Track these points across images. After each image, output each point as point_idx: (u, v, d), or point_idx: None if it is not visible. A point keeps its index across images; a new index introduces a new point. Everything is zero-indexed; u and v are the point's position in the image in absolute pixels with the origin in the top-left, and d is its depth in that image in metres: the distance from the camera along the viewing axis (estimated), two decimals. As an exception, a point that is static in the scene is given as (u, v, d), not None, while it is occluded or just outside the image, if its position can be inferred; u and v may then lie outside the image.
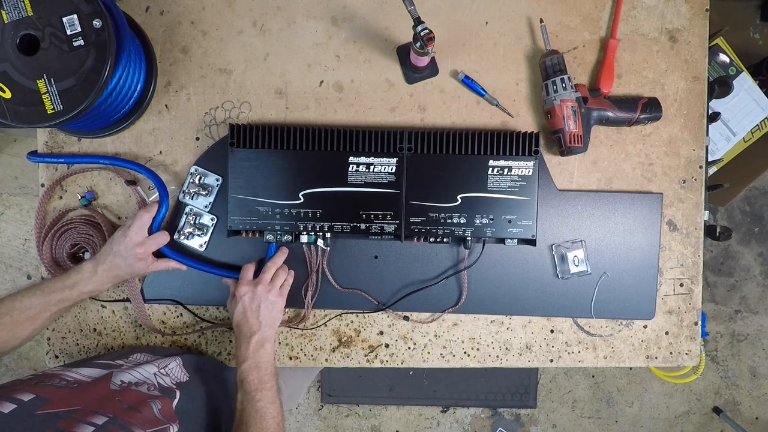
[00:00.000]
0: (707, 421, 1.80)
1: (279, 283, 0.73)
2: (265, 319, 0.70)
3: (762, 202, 1.77)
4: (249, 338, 0.68)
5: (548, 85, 0.74)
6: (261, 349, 0.68)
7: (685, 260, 0.80)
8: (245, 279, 0.72)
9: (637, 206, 0.79)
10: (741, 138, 1.20)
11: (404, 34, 0.78)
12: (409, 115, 0.79)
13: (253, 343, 0.68)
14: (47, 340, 0.80)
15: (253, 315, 0.70)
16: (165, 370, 0.65)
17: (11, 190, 1.77)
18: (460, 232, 0.73)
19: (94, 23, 0.61)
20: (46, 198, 0.78)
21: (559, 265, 0.78)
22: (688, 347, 0.81)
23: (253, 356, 0.67)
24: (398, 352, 0.80)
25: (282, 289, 0.74)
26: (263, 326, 0.70)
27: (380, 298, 0.78)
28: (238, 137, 0.73)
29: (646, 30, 0.80)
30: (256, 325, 0.69)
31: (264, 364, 0.67)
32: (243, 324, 0.69)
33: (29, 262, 1.77)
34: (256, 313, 0.70)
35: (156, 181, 0.75)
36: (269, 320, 0.71)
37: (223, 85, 0.78)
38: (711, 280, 1.77)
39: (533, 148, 0.73)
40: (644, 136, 0.79)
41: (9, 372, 1.81)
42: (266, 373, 0.66)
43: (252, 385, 0.64)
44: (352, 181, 0.73)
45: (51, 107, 0.61)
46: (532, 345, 0.80)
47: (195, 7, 0.78)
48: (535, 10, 0.79)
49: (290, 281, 0.76)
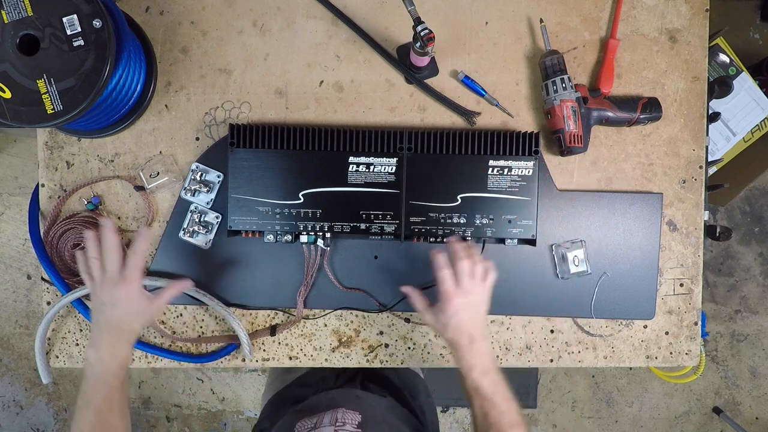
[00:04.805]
0: (707, 421, 1.80)
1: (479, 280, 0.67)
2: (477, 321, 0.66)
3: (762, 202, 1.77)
4: (470, 344, 0.64)
5: (548, 85, 0.74)
6: (485, 354, 0.65)
7: (685, 260, 0.80)
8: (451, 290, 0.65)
9: (637, 206, 0.79)
10: (741, 138, 1.20)
11: (404, 34, 0.78)
12: (409, 115, 0.79)
13: (474, 349, 0.64)
14: (47, 341, 0.80)
15: (469, 322, 0.65)
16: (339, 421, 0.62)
17: (11, 190, 1.77)
18: (460, 232, 0.73)
19: (94, 23, 0.61)
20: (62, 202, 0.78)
21: (559, 265, 0.78)
22: (688, 347, 0.81)
23: (481, 362, 0.64)
24: (398, 352, 0.80)
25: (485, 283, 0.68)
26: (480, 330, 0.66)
27: (380, 298, 0.78)
28: (238, 137, 0.73)
29: (646, 30, 0.80)
30: (475, 328, 0.65)
31: (493, 366, 0.64)
32: (460, 335, 0.65)
33: (29, 262, 1.77)
34: (474, 318, 0.66)
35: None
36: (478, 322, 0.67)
37: (223, 85, 0.78)
38: (711, 280, 1.77)
39: (533, 148, 0.73)
40: (644, 136, 0.79)
41: (9, 372, 1.81)
42: (497, 373, 0.64)
43: (489, 389, 0.62)
44: (352, 181, 0.73)
45: (51, 107, 0.61)
46: (532, 345, 0.80)
47: (195, 7, 0.78)
48: (535, 10, 0.79)
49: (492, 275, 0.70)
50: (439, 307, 0.65)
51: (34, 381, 1.82)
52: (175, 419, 1.84)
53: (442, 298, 0.65)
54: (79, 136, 0.78)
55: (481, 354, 0.64)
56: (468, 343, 0.64)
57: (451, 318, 0.64)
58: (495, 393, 0.62)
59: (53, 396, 1.84)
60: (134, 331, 0.64)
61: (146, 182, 0.76)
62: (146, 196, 0.77)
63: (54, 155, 0.79)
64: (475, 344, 0.64)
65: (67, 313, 0.80)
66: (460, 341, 0.64)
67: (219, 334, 0.80)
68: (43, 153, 0.79)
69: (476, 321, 0.66)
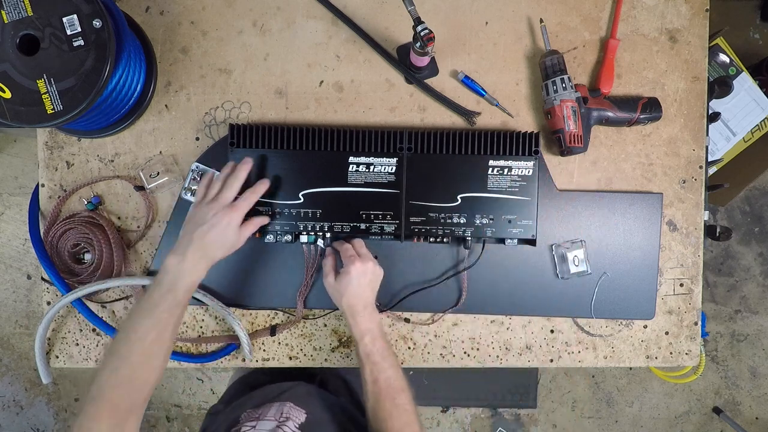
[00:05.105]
0: (707, 421, 1.80)
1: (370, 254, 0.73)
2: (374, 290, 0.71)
3: (762, 202, 1.77)
4: (363, 311, 0.68)
5: (548, 85, 0.74)
6: (376, 320, 0.69)
7: (685, 260, 0.80)
8: (354, 256, 0.70)
9: (637, 206, 0.79)
10: (741, 138, 1.20)
11: (404, 34, 0.78)
12: (409, 115, 0.79)
13: (368, 315, 0.68)
14: (47, 341, 0.80)
15: (366, 288, 0.69)
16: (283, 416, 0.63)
17: (11, 190, 1.77)
18: (460, 232, 0.73)
19: (94, 23, 0.61)
20: (62, 202, 0.78)
21: (559, 265, 0.78)
22: (688, 347, 0.81)
23: (372, 327, 0.68)
24: (398, 352, 0.80)
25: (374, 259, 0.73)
26: (373, 297, 0.71)
27: (380, 298, 0.78)
28: (238, 137, 0.73)
29: (646, 30, 0.80)
30: (370, 297, 0.70)
31: (382, 333, 0.69)
32: (356, 300, 0.69)
33: (29, 262, 1.77)
34: (369, 286, 0.70)
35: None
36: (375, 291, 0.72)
37: (223, 85, 0.78)
38: (711, 280, 1.77)
39: (533, 148, 0.73)
40: (644, 136, 0.79)
41: (9, 372, 1.81)
42: (386, 341, 0.68)
43: (379, 355, 0.66)
44: (352, 181, 0.73)
45: (51, 107, 0.61)
46: (532, 345, 0.80)
47: (195, 7, 0.78)
48: (535, 10, 0.79)
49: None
50: (342, 271, 0.70)
51: (34, 381, 1.82)
52: (175, 419, 1.84)
53: (345, 263, 0.70)
54: (79, 136, 0.78)
55: (373, 320, 0.69)
56: (362, 309, 0.68)
57: (352, 280, 0.68)
58: (384, 359, 0.66)
59: (53, 396, 1.83)
60: (215, 259, 0.65)
61: (146, 182, 0.76)
62: (146, 196, 0.77)
63: (54, 155, 0.79)
64: (367, 310, 0.69)
65: (67, 313, 0.80)
66: (356, 306, 0.68)
67: (219, 334, 0.80)
68: (43, 153, 0.79)
69: (372, 290, 0.71)
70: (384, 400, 0.63)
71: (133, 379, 0.56)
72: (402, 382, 0.65)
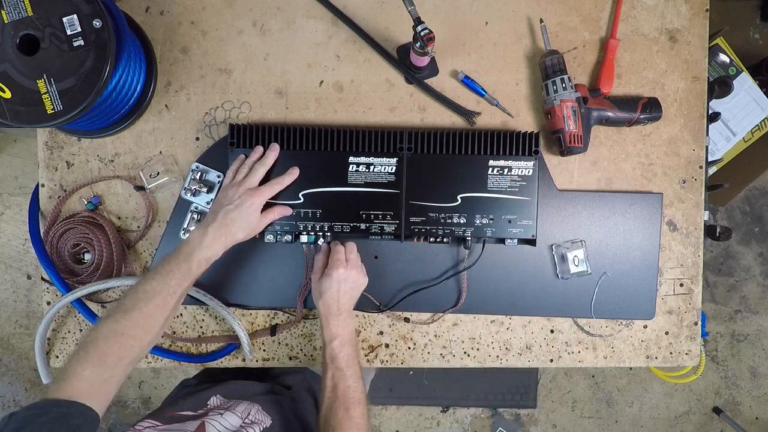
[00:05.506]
0: (707, 421, 1.80)
1: (359, 262, 0.74)
2: (353, 297, 0.72)
3: (762, 202, 1.77)
4: (338, 316, 0.69)
5: (548, 85, 0.74)
6: (349, 327, 0.70)
7: (685, 260, 0.80)
8: (340, 260, 0.71)
9: (637, 206, 0.79)
10: (741, 138, 1.20)
11: (404, 34, 0.78)
12: (409, 115, 0.79)
13: (341, 321, 0.69)
14: (47, 341, 0.80)
15: (345, 294, 0.70)
16: (249, 418, 0.63)
17: (11, 190, 1.77)
18: (460, 232, 0.73)
19: (94, 23, 0.61)
20: (62, 202, 0.78)
21: (559, 265, 0.78)
22: (688, 347, 0.81)
23: (344, 333, 0.68)
24: (398, 352, 0.80)
25: (361, 267, 0.74)
26: (350, 305, 0.72)
27: (380, 298, 0.78)
28: (238, 137, 0.73)
29: (646, 30, 0.80)
30: (347, 304, 0.71)
31: (353, 341, 0.69)
32: (333, 303, 0.70)
33: (29, 262, 1.77)
34: (349, 293, 0.71)
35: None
36: (355, 299, 0.73)
37: (223, 85, 0.78)
38: (711, 280, 1.77)
39: (533, 148, 0.73)
40: (644, 136, 0.79)
41: (9, 372, 1.81)
42: (355, 350, 0.69)
43: (344, 361, 0.66)
44: (352, 181, 0.73)
45: (51, 107, 0.61)
46: (532, 345, 0.80)
47: (195, 7, 0.78)
48: (535, 10, 0.79)
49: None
50: (325, 273, 0.71)
51: (34, 381, 1.82)
52: (175, 419, 1.83)
53: (330, 266, 0.71)
54: (79, 136, 0.78)
55: (346, 327, 0.69)
56: (337, 314, 0.69)
57: (332, 284, 0.69)
58: (348, 367, 0.66)
59: (53, 396, 1.83)
60: (235, 238, 0.67)
61: (146, 182, 0.76)
62: (146, 196, 0.77)
63: (54, 155, 0.79)
64: (342, 316, 0.69)
65: (67, 313, 0.80)
66: (331, 309, 0.69)
67: (219, 334, 0.80)
68: (43, 153, 0.79)
69: (351, 297, 0.71)
70: (338, 408, 0.63)
71: (127, 335, 0.58)
72: (361, 394, 0.65)
